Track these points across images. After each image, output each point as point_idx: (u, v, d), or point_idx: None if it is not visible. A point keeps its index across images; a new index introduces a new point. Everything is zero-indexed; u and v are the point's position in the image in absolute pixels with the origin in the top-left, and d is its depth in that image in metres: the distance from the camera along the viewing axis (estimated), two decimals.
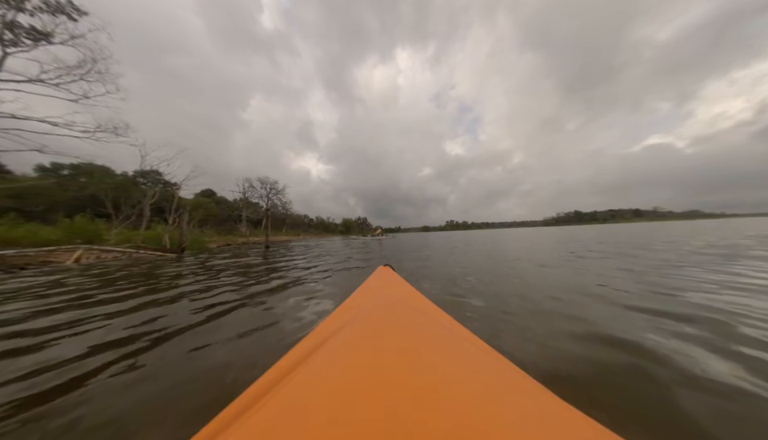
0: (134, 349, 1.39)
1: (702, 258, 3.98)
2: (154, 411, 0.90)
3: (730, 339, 1.30)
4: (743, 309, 1.71)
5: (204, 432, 0.32)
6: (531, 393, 0.32)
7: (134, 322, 1.81)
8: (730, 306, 1.78)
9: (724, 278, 2.59)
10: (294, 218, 56.14)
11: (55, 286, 3.33)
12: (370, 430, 0.20)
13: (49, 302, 2.44)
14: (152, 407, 0.92)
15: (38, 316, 2.03)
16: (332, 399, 0.25)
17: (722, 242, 6.32)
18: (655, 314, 1.66)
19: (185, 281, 3.36)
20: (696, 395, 0.89)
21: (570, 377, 1.03)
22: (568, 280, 2.77)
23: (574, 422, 0.27)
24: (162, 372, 1.15)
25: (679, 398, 0.88)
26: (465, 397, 0.25)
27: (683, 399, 0.87)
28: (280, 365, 0.46)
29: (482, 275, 3.22)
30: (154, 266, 5.32)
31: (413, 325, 0.47)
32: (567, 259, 4.44)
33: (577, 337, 1.36)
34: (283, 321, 1.80)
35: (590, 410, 0.67)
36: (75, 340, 1.54)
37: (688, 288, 2.26)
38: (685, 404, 0.85)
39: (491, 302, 2.06)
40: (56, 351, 1.39)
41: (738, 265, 3.26)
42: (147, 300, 2.43)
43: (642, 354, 1.17)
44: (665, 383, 0.96)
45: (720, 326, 1.47)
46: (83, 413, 0.90)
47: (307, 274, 3.70)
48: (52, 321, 1.89)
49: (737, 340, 1.29)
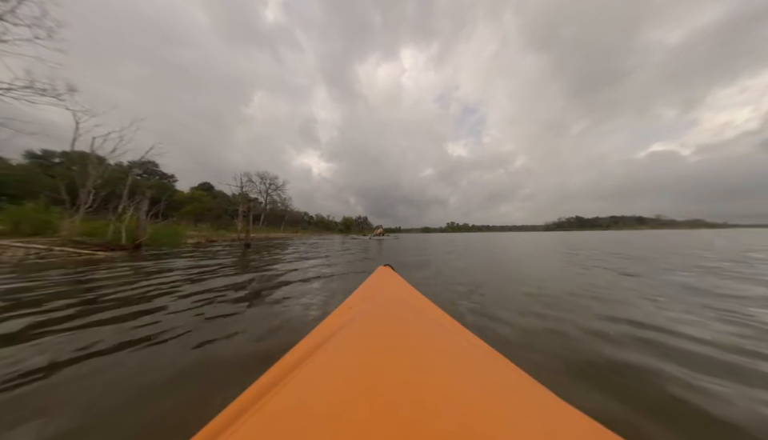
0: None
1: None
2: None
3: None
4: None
5: (204, 432, 0.31)
6: (531, 392, 0.32)
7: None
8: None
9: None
10: (293, 215, 55.43)
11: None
12: (371, 430, 0.20)
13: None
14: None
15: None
16: (332, 399, 0.25)
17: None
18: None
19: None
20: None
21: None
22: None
23: (574, 422, 0.27)
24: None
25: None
26: (465, 396, 0.25)
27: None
28: (280, 364, 0.46)
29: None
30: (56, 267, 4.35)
31: (413, 324, 0.47)
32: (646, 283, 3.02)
33: None
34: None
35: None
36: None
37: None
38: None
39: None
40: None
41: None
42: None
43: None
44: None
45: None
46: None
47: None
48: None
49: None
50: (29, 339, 1.52)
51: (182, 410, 0.91)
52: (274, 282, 3.22)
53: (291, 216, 51.91)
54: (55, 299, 2.35)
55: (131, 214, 7.06)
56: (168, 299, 2.34)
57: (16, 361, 1.27)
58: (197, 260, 3.77)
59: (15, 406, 0.95)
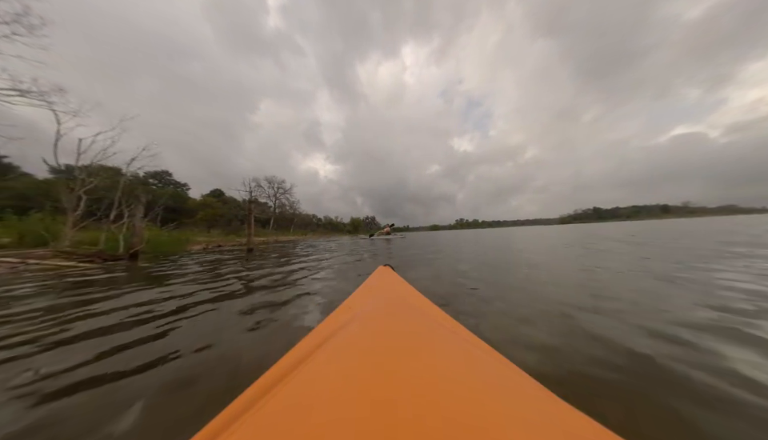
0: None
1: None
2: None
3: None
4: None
5: (204, 431, 0.31)
6: (531, 392, 0.32)
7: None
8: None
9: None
10: (302, 218, 56.07)
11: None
12: (371, 430, 0.20)
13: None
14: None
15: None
16: (332, 398, 0.25)
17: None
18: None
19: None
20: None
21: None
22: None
23: (574, 422, 0.27)
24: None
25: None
26: (465, 396, 0.25)
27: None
28: (280, 364, 0.45)
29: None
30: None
31: (413, 324, 0.47)
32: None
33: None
34: None
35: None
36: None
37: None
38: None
39: None
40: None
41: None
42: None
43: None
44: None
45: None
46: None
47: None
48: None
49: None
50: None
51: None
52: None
53: (300, 219, 52.47)
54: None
55: (129, 221, 6.78)
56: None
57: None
58: (181, 283, 3.09)
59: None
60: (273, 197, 44.79)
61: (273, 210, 44.12)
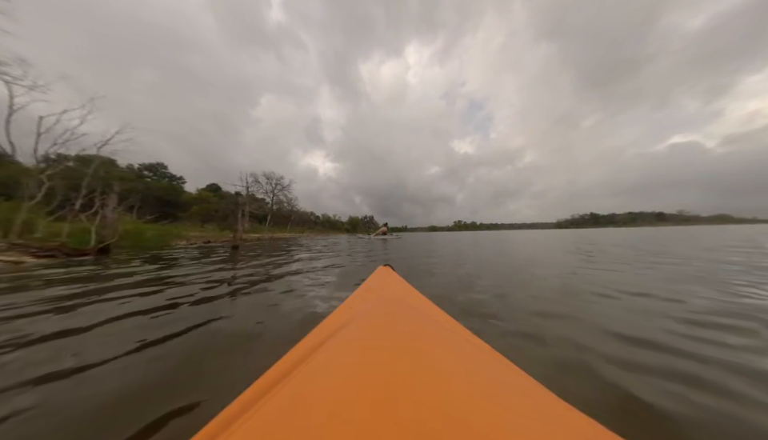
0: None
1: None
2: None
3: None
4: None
5: (204, 432, 0.31)
6: (531, 392, 0.32)
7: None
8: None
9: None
10: (300, 215, 55.27)
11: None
12: (371, 429, 0.20)
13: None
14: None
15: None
16: (332, 398, 0.25)
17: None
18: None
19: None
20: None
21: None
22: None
23: (574, 422, 0.27)
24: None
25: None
26: (465, 396, 0.25)
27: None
28: (280, 364, 0.45)
29: None
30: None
31: (413, 324, 0.47)
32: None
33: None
34: None
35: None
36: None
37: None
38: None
39: None
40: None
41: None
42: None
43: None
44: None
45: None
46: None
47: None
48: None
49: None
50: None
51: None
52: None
53: (298, 216, 51.67)
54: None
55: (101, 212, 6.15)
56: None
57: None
58: (141, 284, 2.55)
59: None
60: (270, 192, 43.93)
61: (270, 206, 43.32)
